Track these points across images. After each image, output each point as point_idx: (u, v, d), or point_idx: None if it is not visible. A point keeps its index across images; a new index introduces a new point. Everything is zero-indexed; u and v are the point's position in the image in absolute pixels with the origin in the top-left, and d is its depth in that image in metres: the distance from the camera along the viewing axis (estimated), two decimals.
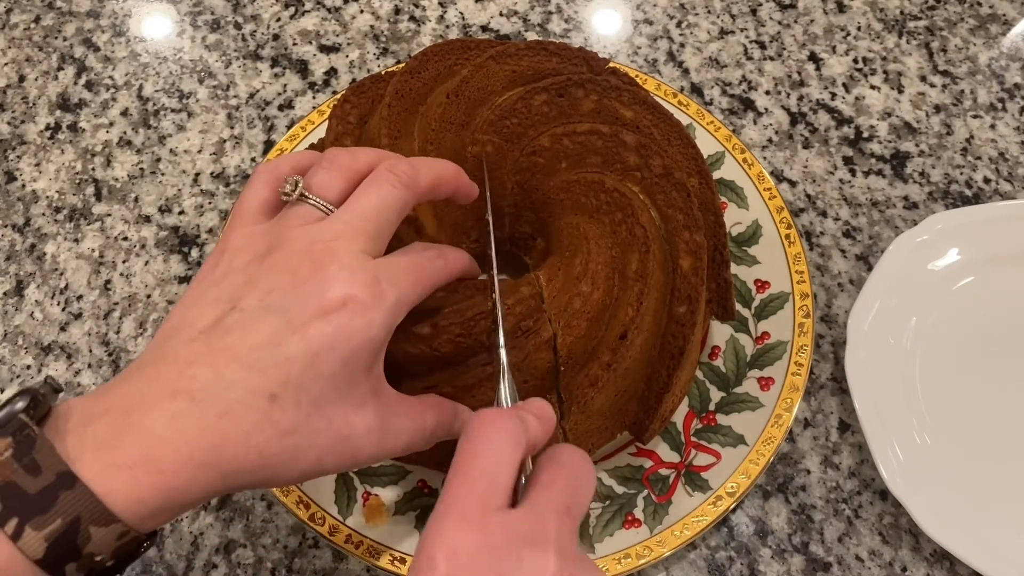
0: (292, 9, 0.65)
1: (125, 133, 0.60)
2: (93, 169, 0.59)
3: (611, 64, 0.48)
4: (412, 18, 0.65)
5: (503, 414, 0.28)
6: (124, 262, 0.55)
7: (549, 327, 0.38)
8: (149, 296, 0.54)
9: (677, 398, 0.46)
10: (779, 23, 0.64)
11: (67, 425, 0.26)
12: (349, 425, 0.29)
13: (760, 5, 0.65)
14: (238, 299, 0.29)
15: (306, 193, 0.31)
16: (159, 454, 0.26)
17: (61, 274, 0.55)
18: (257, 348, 0.28)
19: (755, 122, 0.59)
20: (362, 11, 0.65)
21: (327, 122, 0.46)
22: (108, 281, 0.55)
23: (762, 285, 0.50)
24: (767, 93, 0.61)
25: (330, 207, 0.31)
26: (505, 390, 0.33)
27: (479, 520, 0.26)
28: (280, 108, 0.61)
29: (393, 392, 0.32)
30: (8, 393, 0.51)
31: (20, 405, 0.26)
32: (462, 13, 0.65)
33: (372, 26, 0.64)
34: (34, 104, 0.62)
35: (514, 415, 0.28)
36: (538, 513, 0.27)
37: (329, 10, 0.65)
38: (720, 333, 0.49)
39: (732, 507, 0.44)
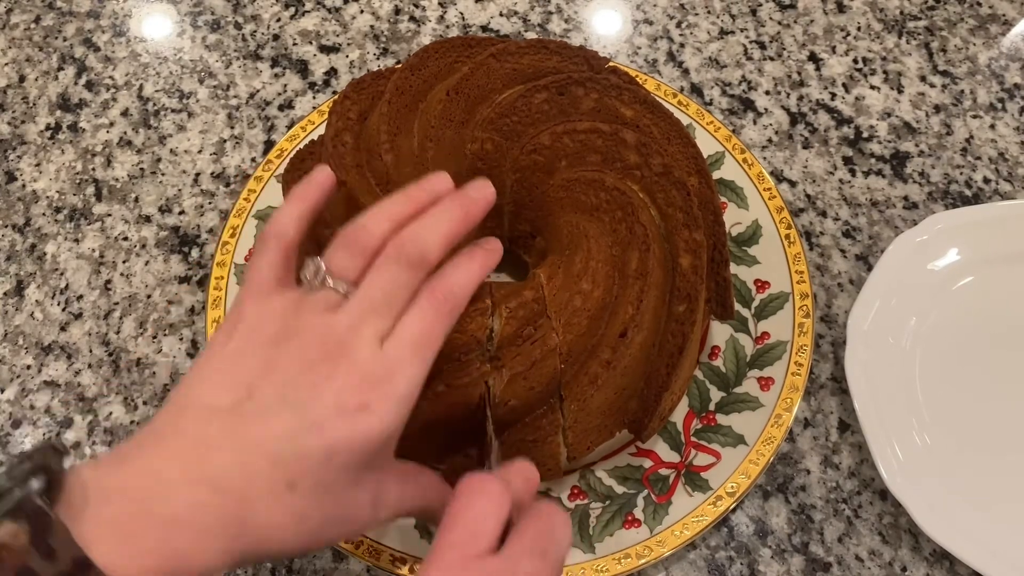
0: (292, 9, 0.65)
1: (125, 133, 0.60)
2: (93, 169, 0.59)
3: (611, 63, 0.48)
4: (412, 18, 0.65)
5: (487, 477, 0.30)
6: (124, 262, 0.55)
7: (554, 336, 0.38)
8: (149, 296, 0.54)
9: (676, 396, 0.46)
10: (779, 23, 0.64)
11: (82, 504, 0.26)
12: (357, 506, 0.31)
13: (760, 5, 0.65)
14: (255, 387, 0.30)
15: (328, 280, 0.32)
16: (178, 543, 0.27)
17: (61, 274, 0.55)
18: (276, 439, 0.28)
19: (755, 122, 0.59)
20: (362, 11, 0.65)
21: (327, 119, 0.46)
22: (108, 281, 0.55)
23: (762, 285, 0.50)
24: (767, 93, 0.61)
25: (350, 289, 0.32)
26: (492, 460, 0.38)
27: (458, 569, 0.28)
28: (280, 108, 0.61)
29: (393, 464, 0.33)
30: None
31: (36, 486, 0.25)
32: (462, 13, 0.65)
33: (372, 26, 0.64)
34: (34, 104, 0.62)
35: (497, 478, 0.30)
36: (512, 558, 0.28)
37: (329, 10, 0.65)
38: (720, 333, 0.49)
39: (732, 507, 0.44)
